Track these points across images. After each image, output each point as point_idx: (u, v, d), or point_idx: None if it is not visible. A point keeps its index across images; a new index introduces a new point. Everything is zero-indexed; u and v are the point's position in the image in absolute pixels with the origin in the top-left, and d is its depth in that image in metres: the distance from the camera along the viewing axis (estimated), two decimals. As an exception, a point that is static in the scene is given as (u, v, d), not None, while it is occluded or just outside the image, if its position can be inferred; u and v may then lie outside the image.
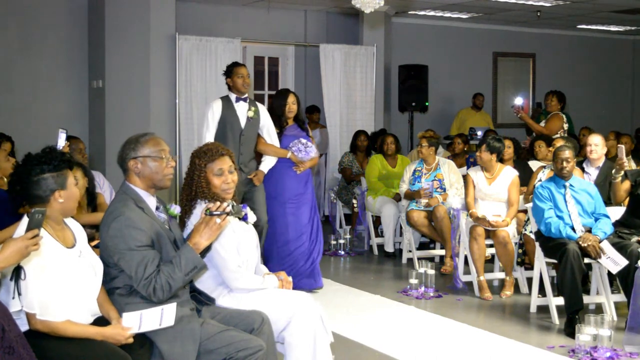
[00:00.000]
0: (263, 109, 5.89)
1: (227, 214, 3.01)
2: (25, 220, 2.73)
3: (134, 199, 3.06)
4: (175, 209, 3.27)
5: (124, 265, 2.97)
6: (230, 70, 5.78)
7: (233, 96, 5.77)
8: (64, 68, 8.62)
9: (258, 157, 5.93)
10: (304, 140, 5.84)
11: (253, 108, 5.78)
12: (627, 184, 5.36)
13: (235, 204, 3.08)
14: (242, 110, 5.75)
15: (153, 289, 2.93)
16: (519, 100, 8.13)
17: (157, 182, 3.12)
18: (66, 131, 4.63)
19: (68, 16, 8.62)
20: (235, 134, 5.70)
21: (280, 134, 5.90)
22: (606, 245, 4.90)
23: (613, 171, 5.38)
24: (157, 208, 3.16)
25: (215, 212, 2.98)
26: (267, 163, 5.86)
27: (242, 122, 5.74)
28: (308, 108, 9.84)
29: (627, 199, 5.42)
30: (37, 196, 2.85)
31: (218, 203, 3.06)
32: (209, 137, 5.64)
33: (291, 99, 5.90)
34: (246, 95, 5.79)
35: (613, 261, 4.85)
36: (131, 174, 3.10)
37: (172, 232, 3.18)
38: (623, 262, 4.82)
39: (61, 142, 4.62)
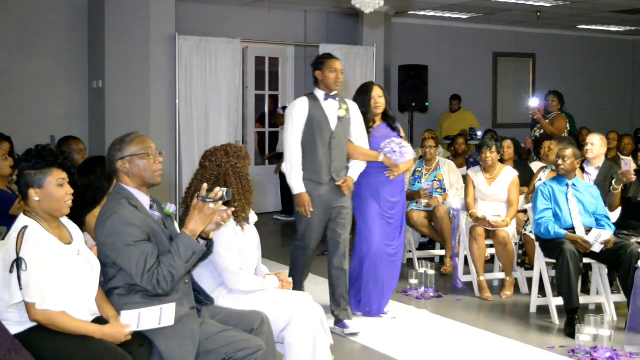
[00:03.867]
0: (354, 107, 5.03)
1: (220, 199, 3.01)
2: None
3: (127, 197, 3.07)
4: (171, 208, 3.26)
5: (123, 262, 2.97)
6: (322, 63, 4.90)
7: (321, 93, 4.90)
8: (64, 68, 8.61)
9: None
10: (397, 140, 5.01)
11: (344, 106, 4.93)
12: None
13: (227, 190, 3.06)
14: (332, 109, 4.90)
15: (157, 281, 2.93)
16: (534, 102, 8.13)
17: (147, 180, 3.12)
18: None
19: (68, 16, 8.62)
20: (325, 137, 4.81)
21: (367, 135, 5.07)
22: (592, 235, 4.94)
23: (614, 181, 5.35)
24: (151, 207, 3.17)
25: (208, 199, 2.98)
26: (356, 168, 4.99)
27: (333, 123, 4.86)
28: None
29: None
30: (20, 191, 2.92)
31: (205, 186, 3.05)
32: (295, 141, 4.79)
33: (376, 92, 5.11)
34: (336, 92, 4.95)
35: (600, 240, 4.91)
36: (121, 175, 3.11)
37: (167, 229, 3.18)
38: (605, 233, 4.90)
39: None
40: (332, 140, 4.84)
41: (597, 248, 4.93)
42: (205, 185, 3.05)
